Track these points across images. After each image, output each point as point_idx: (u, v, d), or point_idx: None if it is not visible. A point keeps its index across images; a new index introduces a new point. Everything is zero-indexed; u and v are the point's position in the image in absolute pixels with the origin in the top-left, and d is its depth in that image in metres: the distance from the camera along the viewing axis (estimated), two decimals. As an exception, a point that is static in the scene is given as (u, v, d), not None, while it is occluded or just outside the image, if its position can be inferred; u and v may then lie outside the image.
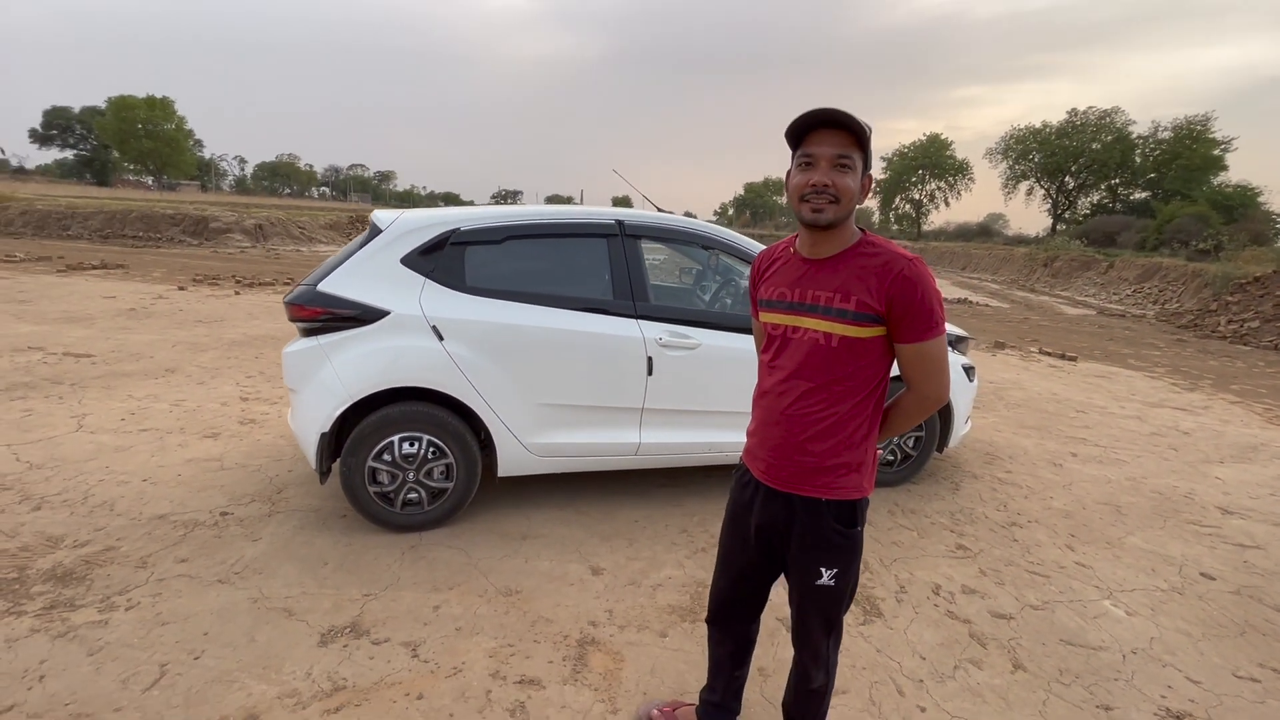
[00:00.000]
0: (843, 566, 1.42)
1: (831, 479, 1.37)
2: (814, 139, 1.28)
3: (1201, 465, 4.46)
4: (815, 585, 1.43)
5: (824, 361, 1.34)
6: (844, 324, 1.31)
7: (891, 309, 1.29)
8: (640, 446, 3.11)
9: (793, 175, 1.33)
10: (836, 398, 1.35)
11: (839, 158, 1.26)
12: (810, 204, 1.28)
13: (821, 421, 1.36)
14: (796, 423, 1.38)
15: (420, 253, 2.84)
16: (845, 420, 1.36)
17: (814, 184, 1.27)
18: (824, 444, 1.36)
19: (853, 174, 1.27)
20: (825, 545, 1.40)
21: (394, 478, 2.83)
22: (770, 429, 1.43)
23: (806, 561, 1.42)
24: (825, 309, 1.32)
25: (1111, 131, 42.81)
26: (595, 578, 2.65)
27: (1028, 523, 3.37)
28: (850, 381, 1.34)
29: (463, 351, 2.79)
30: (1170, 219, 27.80)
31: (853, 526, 1.41)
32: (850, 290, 1.30)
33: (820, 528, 1.39)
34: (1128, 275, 20.37)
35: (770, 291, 1.45)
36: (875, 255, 1.31)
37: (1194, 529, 3.43)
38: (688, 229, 3.27)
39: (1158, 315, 15.19)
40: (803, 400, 1.37)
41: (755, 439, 1.49)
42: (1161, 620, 2.57)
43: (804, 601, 1.48)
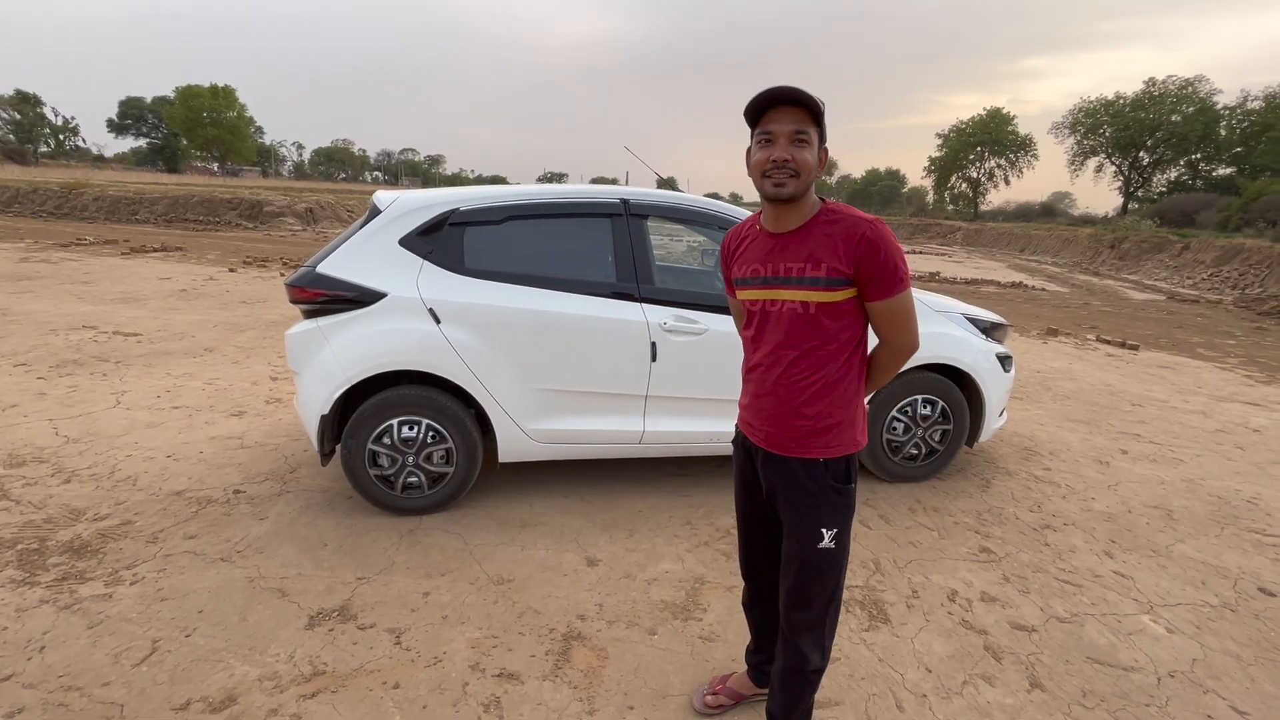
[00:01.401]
0: (841, 525, 1.49)
1: (827, 438, 1.45)
2: (771, 117, 1.33)
3: (1271, 467, 4.06)
4: (818, 549, 1.48)
5: (805, 329, 1.41)
6: (818, 290, 1.37)
7: (859, 270, 1.35)
8: (644, 434, 3.02)
9: (753, 152, 1.38)
10: (822, 361, 1.42)
11: (796, 133, 1.31)
12: (772, 179, 1.34)
13: (812, 385, 1.43)
14: (789, 390, 1.44)
15: (419, 234, 2.79)
16: (834, 381, 1.43)
17: (775, 159, 1.32)
18: (817, 406, 1.43)
19: (810, 148, 1.33)
20: (825, 504, 1.46)
21: (394, 461, 2.82)
22: (763, 400, 1.49)
23: (808, 524, 1.47)
24: (799, 279, 1.38)
25: (1194, 102, 39.53)
26: (590, 569, 2.58)
27: (1063, 525, 3.12)
28: (833, 344, 1.41)
29: (460, 335, 2.74)
30: (1257, 196, 25.60)
31: (849, 482, 1.48)
32: (820, 258, 1.36)
33: (820, 487, 1.46)
34: (1204, 258, 18.91)
35: (743, 270, 1.50)
36: (838, 222, 1.37)
37: (1255, 538, 3.11)
38: (695, 207, 3.12)
39: (1236, 301, 14.03)
40: (791, 369, 1.43)
41: (750, 411, 1.56)
42: (1207, 640, 2.33)
43: (806, 570, 1.50)
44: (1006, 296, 13.09)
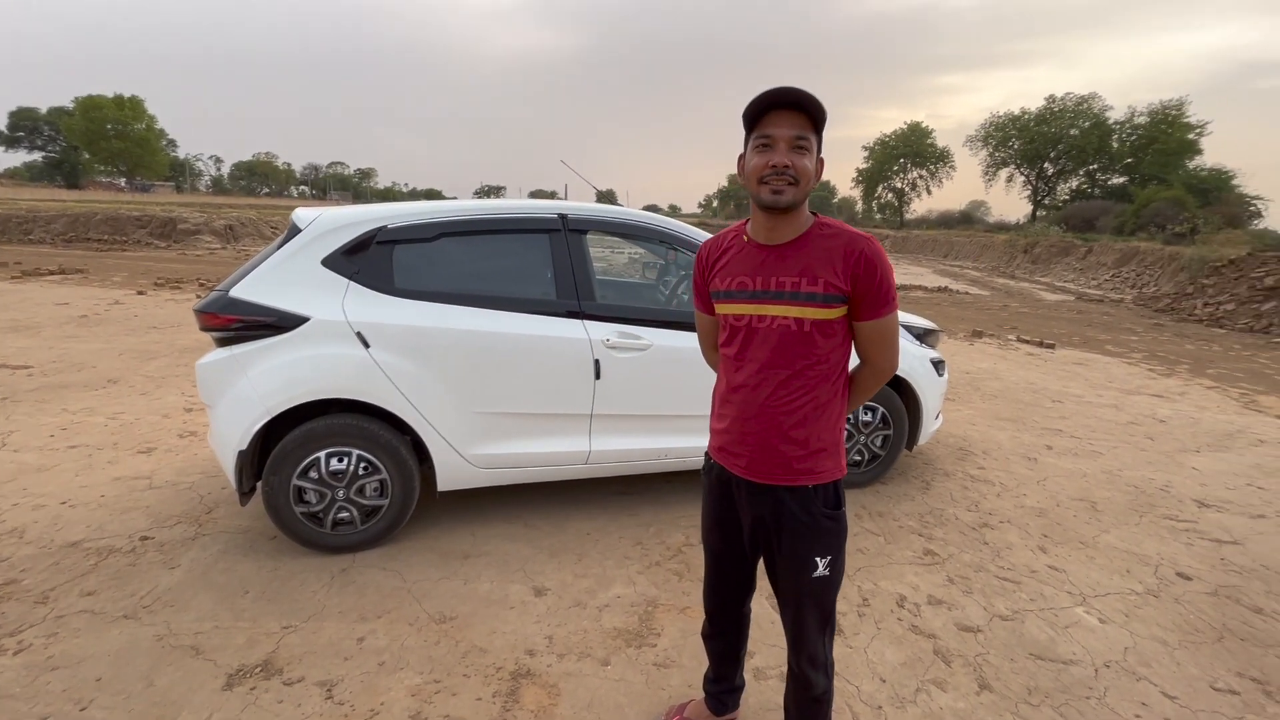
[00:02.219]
0: (835, 553, 1.43)
1: (815, 464, 1.38)
2: (771, 120, 1.25)
3: (1178, 455, 4.36)
4: (811, 579, 1.42)
5: (798, 347, 1.33)
6: (814, 307, 1.30)
7: (855, 288, 1.30)
8: (591, 455, 2.93)
9: (749, 157, 1.30)
10: (814, 382, 1.35)
11: (797, 139, 1.25)
12: (770, 185, 1.26)
13: (803, 408, 1.35)
14: (778, 413, 1.36)
15: (343, 253, 2.63)
16: (825, 403, 1.37)
17: (773, 165, 1.25)
18: (806, 429, 1.36)
19: (810, 155, 1.27)
20: (817, 532, 1.40)
21: (322, 496, 2.63)
22: (748, 424, 1.39)
23: (801, 554, 1.40)
24: (793, 294, 1.31)
25: (1089, 117, 43.08)
26: (538, 599, 2.47)
27: (999, 523, 3.23)
28: (824, 364, 1.35)
29: (391, 359, 2.59)
30: (1147, 203, 27.99)
31: (839, 508, 1.43)
32: (816, 272, 1.30)
33: (811, 515, 1.39)
34: (1106, 260, 20.46)
35: (727, 282, 1.40)
36: (835, 236, 1.31)
37: (1170, 525, 3.31)
38: (635, 221, 3.08)
39: (1135, 299, 15.23)
40: (781, 389, 1.35)
41: (729, 435, 1.45)
42: (1136, 627, 2.44)
43: (801, 599, 1.45)
44: (934, 301, 13.73)
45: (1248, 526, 3.32)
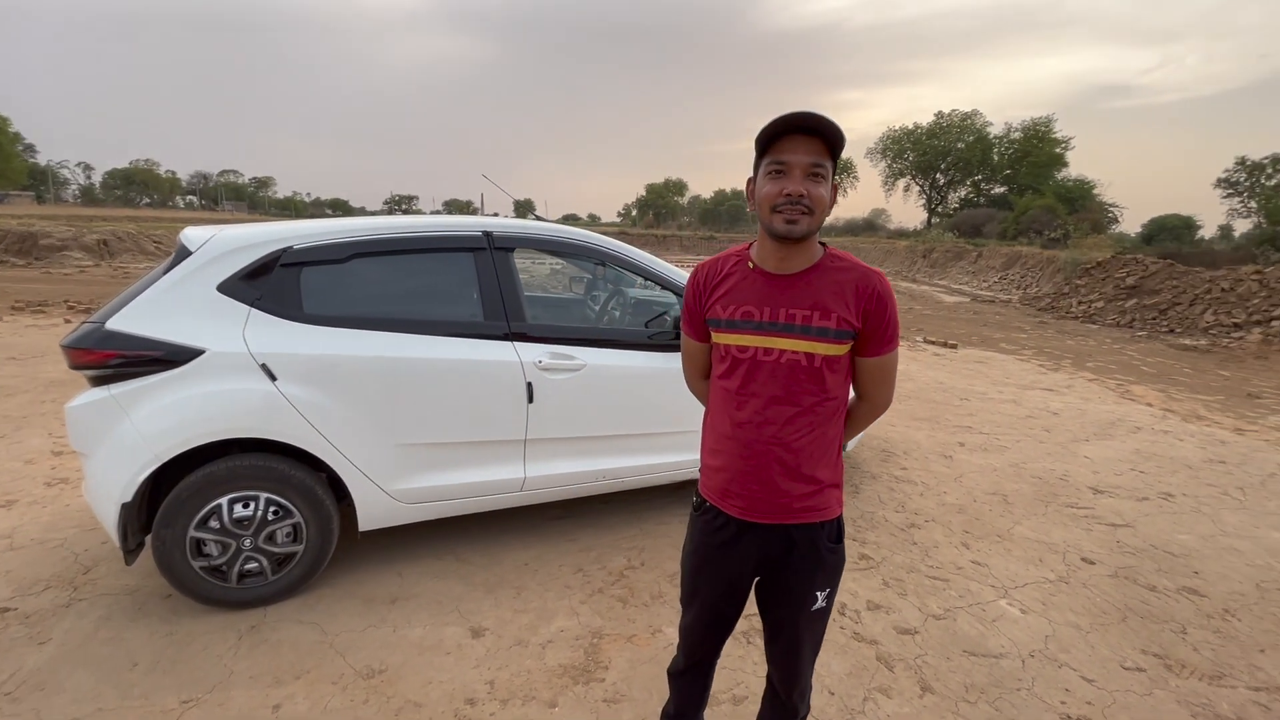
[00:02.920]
0: (834, 585, 1.42)
1: (823, 500, 1.35)
2: (786, 145, 1.20)
3: (1071, 445, 4.75)
4: (811, 611, 1.40)
5: (808, 383, 1.29)
6: (825, 342, 1.27)
7: (865, 324, 1.28)
8: (526, 481, 2.81)
9: (761, 183, 1.25)
10: (822, 419, 1.31)
11: (813, 166, 1.20)
12: (784, 215, 1.21)
13: (813, 444, 1.31)
14: (787, 451, 1.31)
15: (243, 277, 2.39)
16: (832, 441, 1.35)
17: (788, 193, 1.20)
18: (814, 467, 1.32)
19: (825, 184, 1.23)
20: (821, 566, 1.38)
21: (225, 547, 2.36)
22: (751, 460, 1.33)
23: (804, 589, 1.38)
24: (804, 328, 1.27)
25: (972, 132, 46.98)
26: (476, 641, 2.32)
27: (925, 522, 3.38)
28: (832, 401, 1.32)
29: (302, 392, 2.37)
30: (1025, 211, 30.78)
31: (841, 540, 1.41)
32: (829, 307, 1.26)
33: (817, 549, 1.36)
34: (994, 263, 22.27)
35: (731, 310, 1.33)
36: (847, 270, 1.28)
37: (1071, 512, 3.58)
38: (564, 238, 3.00)
39: (1021, 299, 16.65)
40: (789, 426, 1.30)
41: (727, 474, 1.37)
42: (1053, 615, 2.59)
43: (799, 633, 1.42)
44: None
45: (1135, 509, 3.64)
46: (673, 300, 3.22)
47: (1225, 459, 4.54)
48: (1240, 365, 8.52)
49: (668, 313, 3.21)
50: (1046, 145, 42.40)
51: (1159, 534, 3.34)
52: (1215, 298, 12.12)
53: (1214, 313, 11.77)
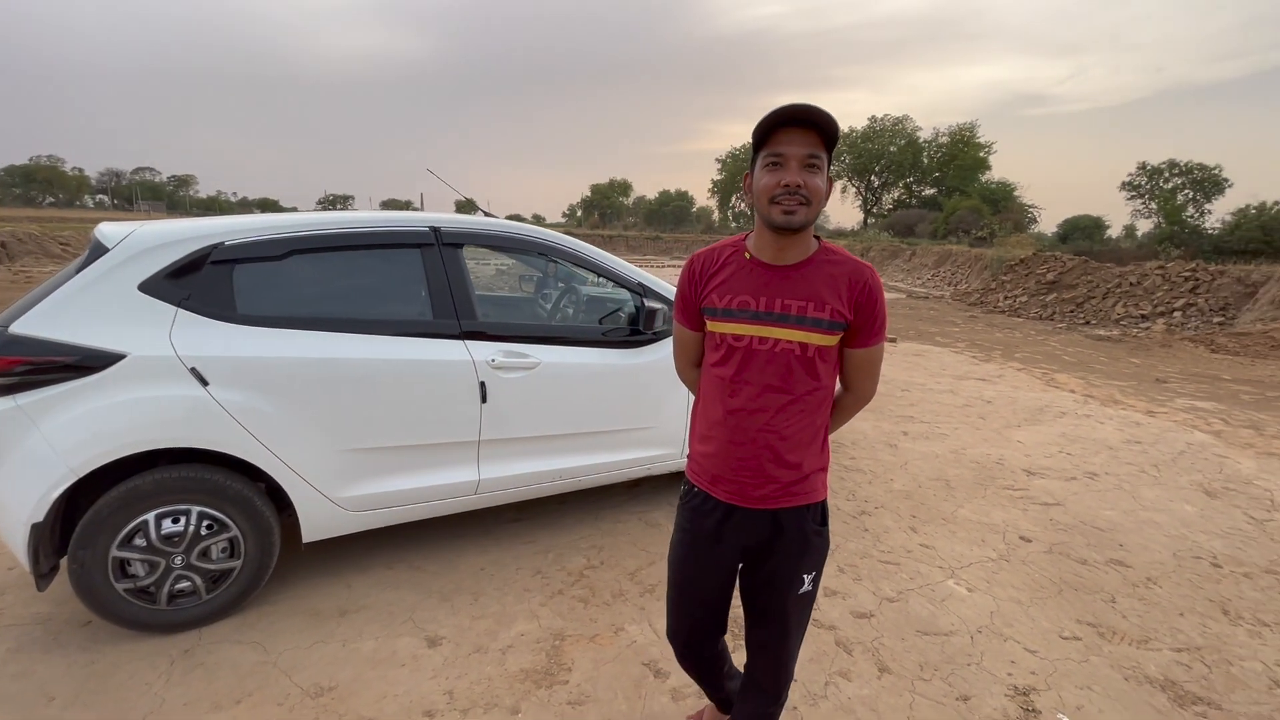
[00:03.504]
0: (819, 568, 1.46)
1: (809, 485, 1.39)
2: (783, 137, 1.23)
3: (1005, 431, 5.00)
4: (798, 595, 1.43)
5: (801, 372, 1.32)
6: (819, 333, 1.30)
7: (857, 316, 1.31)
8: (480, 484, 2.73)
9: (759, 176, 1.27)
10: (813, 407, 1.35)
11: (809, 157, 1.23)
12: (781, 205, 1.24)
13: (803, 432, 1.35)
14: (778, 438, 1.34)
15: (168, 276, 2.22)
16: (821, 428, 1.39)
17: (785, 184, 1.22)
18: (802, 454, 1.36)
19: (822, 174, 1.25)
20: (808, 549, 1.41)
21: (153, 567, 2.19)
22: (742, 447, 1.36)
23: (791, 572, 1.41)
24: (799, 318, 1.30)
25: (904, 136, 49.10)
26: (432, 650, 2.24)
27: (875, 509, 3.48)
28: (822, 390, 1.36)
29: (238, 397, 2.22)
30: (953, 211, 32.38)
31: (826, 523, 1.46)
32: (824, 299, 1.29)
33: (804, 533, 1.40)
34: (927, 261, 23.32)
35: (727, 300, 1.36)
36: (841, 263, 1.32)
37: (1008, 494, 3.77)
38: (514, 234, 2.94)
39: (953, 295, 17.48)
40: (781, 414, 1.34)
41: (718, 460, 1.40)
42: (997, 591, 2.72)
43: (787, 617, 1.45)
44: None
45: (1065, 489, 3.86)
46: (626, 297, 3.20)
47: (1141, 439, 4.89)
48: (1148, 353, 9.20)
49: (622, 309, 3.19)
50: (971, 149, 44.79)
51: (1087, 511, 3.55)
52: (1125, 291, 13.06)
53: (1124, 305, 12.68)
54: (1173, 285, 12.62)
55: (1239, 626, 2.54)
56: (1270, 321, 10.34)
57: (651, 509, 3.40)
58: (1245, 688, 2.18)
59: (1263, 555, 3.12)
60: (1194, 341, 9.96)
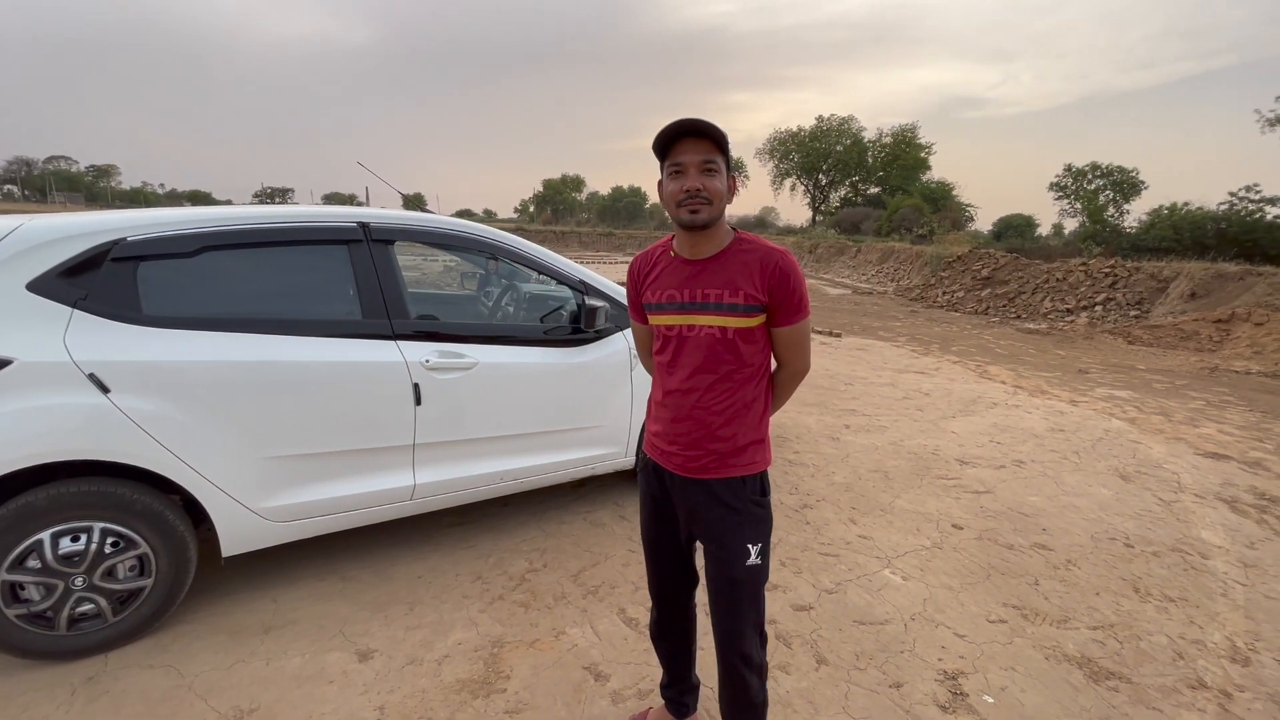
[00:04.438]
0: (765, 540, 1.54)
1: (745, 457, 1.50)
2: (680, 148, 1.39)
3: (941, 422, 5.19)
4: (745, 567, 1.50)
5: (723, 353, 1.45)
6: (735, 317, 1.43)
7: (772, 297, 1.43)
8: (416, 489, 2.64)
9: (665, 184, 1.44)
10: (739, 384, 1.48)
11: (705, 163, 1.38)
12: (687, 207, 1.39)
13: (730, 408, 1.48)
14: (708, 413, 1.48)
15: (62, 274, 2.05)
16: (750, 403, 1.50)
17: (687, 189, 1.38)
18: (734, 427, 1.48)
19: (719, 176, 1.40)
20: (747, 519, 1.50)
21: (49, 590, 2.03)
22: (680, 424, 1.51)
23: (734, 543, 1.49)
24: (716, 305, 1.44)
25: (850, 136, 50.42)
26: (363, 665, 2.15)
27: (816, 502, 3.55)
28: (748, 368, 1.48)
29: (144, 404, 2.08)
30: (896, 209, 33.50)
31: (766, 494, 1.55)
32: (737, 285, 1.42)
33: (742, 502, 1.50)
34: (871, 258, 24.02)
35: (658, 295, 1.52)
36: (752, 251, 1.44)
37: (943, 483, 3.91)
38: (449, 230, 2.85)
39: (895, 291, 18.08)
40: (710, 392, 1.47)
41: (663, 437, 1.56)
42: (930, 579, 2.81)
43: (735, 590, 1.51)
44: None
45: (994, 477, 4.04)
46: (568, 294, 3.16)
47: (1064, 427, 5.15)
48: (1073, 345, 9.73)
49: (563, 307, 3.14)
50: (913, 150, 46.41)
51: (1014, 497, 3.72)
52: (1051, 287, 13.77)
53: (1051, 300, 13.38)
54: (1094, 281, 13.38)
55: (1148, 603, 2.70)
56: (1179, 315, 11.10)
57: (597, 508, 3.37)
58: (1153, 660, 2.32)
59: (1170, 534, 3.33)
60: (1113, 334, 10.59)
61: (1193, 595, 2.76)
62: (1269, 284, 10.57)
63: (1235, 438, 5.06)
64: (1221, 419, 5.62)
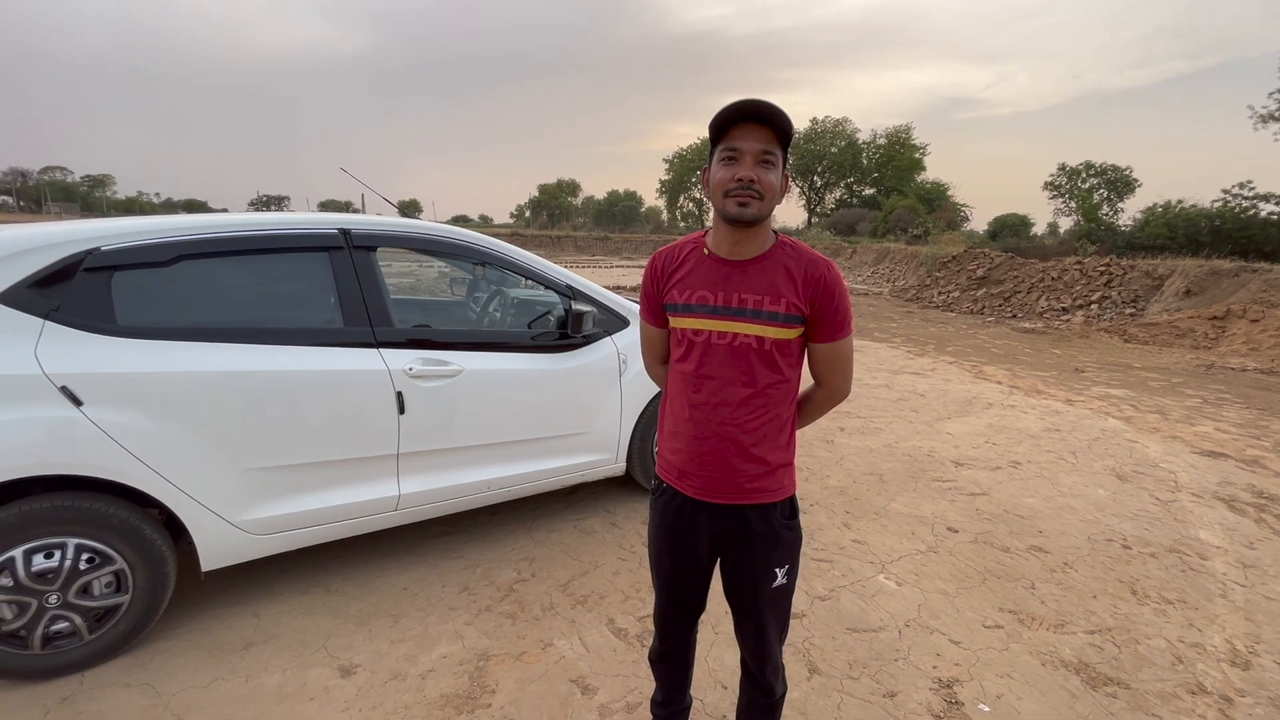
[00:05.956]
0: (793, 561, 1.46)
1: (773, 480, 1.39)
2: (738, 133, 1.25)
3: (936, 424, 5.16)
4: (772, 589, 1.44)
5: (759, 365, 1.34)
6: (775, 326, 1.31)
7: (813, 310, 1.32)
8: (401, 499, 2.60)
9: (714, 170, 1.29)
10: (774, 400, 1.36)
11: (763, 153, 1.24)
12: (736, 199, 1.25)
13: (765, 426, 1.36)
14: (739, 431, 1.35)
15: (32, 285, 2.01)
16: (785, 422, 1.39)
17: (739, 179, 1.24)
18: (765, 447, 1.37)
19: (775, 170, 1.27)
20: (778, 543, 1.42)
21: (23, 609, 1.98)
22: (704, 442, 1.38)
23: (762, 566, 1.42)
24: (755, 312, 1.31)
25: (844, 137, 50.57)
26: (345, 681, 2.10)
27: (810, 506, 3.51)
28: (785, 384, 1.36)
29: (119, 417, 2.03)
30: (891, 210, 33.56)
31: (795, 516, 1.46)
32: (780, 292, 1.31)
33: (772, 527, 1.41)
34: (867, 259, 24.05)
35: (686, 295, 1.38)
36: (797, 258, 1.33)
37: (938, 485, 3.87)
38: (431, 235, 2.80)
39: (891, 292, 18.08)
40: (742, 408, 1.35)
41: (683, 455, 1.42)
42: (924, 584, 2.77)
43: (762, 611, 1.46)
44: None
45: (990, 478, 4.00)
46: (555, 300, 3.12)
47: (1060, 428, 5.12)
48: (1069, 344, 9.71)
49: (551, 312, 3.11)
50: (907, 151, 46.55)
51: (1010, 499, 3.68)
52: (1047, 285, 13.77)
53: (1046, 299, 13.37)
54: (1090, 279, 13.39)
55: (1145, 606, 2.66)
56: (1175, 312, 11.10)
57: (587, 516, 3.33)
58: (1151, 665, 2.28)
59: (1167, 535, 3.29)
60: (1109, 332, 10.58)
61: (1191, 597, 2.73)
62: (1264, 280, 10.58)
63: (1232, 435, 5.04)
64: (1218, 416, 5.60)
